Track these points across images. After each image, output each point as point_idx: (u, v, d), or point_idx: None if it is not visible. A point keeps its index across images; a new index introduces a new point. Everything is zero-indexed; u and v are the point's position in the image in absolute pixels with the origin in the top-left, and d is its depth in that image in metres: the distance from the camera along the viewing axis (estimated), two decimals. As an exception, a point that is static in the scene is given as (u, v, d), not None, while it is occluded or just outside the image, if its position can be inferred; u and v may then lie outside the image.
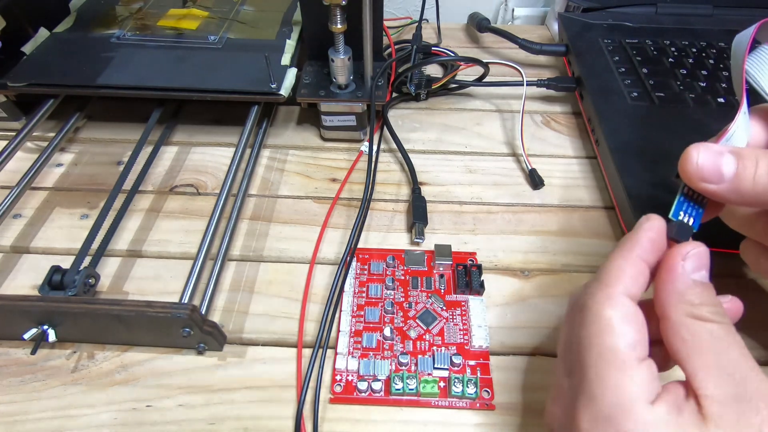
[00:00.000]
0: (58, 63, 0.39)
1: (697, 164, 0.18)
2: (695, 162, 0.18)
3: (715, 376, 0.16)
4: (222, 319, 0.30)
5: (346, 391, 0.26)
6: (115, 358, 0.28)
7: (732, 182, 0.17)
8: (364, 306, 0.29)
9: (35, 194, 0.37)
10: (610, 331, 0.17)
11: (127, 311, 0.25)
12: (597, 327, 0.17)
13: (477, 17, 0.51)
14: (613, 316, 0.17)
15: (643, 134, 0.36)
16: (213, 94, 0.37)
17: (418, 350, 0.28)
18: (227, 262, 0.32)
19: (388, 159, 0.40)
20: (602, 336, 0.17)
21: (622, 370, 0.17)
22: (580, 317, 0.18)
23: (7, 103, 0.40)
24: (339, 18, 0.34)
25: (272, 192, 0.37)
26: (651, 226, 0.19)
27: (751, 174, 0.17)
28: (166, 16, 0.45)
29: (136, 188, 0.35)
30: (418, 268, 0.31)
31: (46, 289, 0.28)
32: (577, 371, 0.18)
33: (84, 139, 0.41)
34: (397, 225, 0.35)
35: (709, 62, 0.42)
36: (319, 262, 0.32)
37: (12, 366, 0.28)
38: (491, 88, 0.46)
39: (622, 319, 0.17)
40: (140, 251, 0.33)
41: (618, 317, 0.17)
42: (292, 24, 0.44)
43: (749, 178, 0.17)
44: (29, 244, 0.33)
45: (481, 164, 0.39)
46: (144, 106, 0.40)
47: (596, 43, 0.45)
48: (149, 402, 0.26)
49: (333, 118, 0.39)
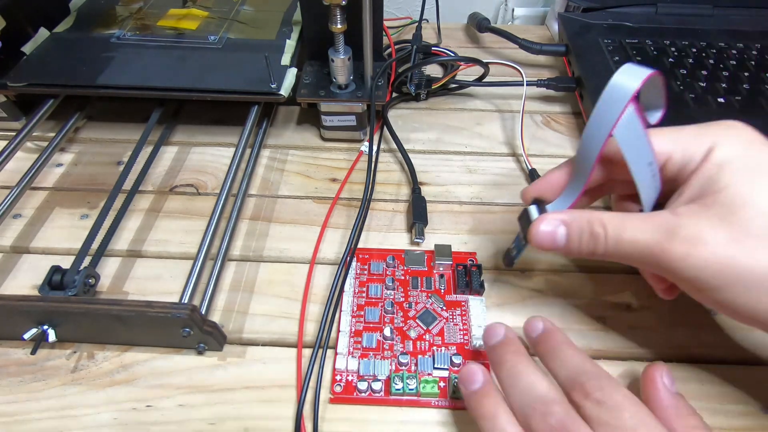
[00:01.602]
0: (58, 63, 0.39)
1: (538, 235, 0.23)
2: (538, 233, 0.23)
3: None
4: (222, 319, 0.30)
5: (346, 391, 0.26)
6: (115, 358, 0.28)
7: (565, 247, 0.23)
8: (364, 306, 0.29)
9: (35, 194, 0.37)
10: None
11: (127, 311, 0.25)
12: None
13: (477, 17, 0.51)
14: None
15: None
16: (213, 94, 0.37)
17: (418, 350, 0.28)
18: (227, 262, 0.32)
19: (388, 159, 0.40)
20: None
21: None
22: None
23: (7, 103, 0.40)
24: (339, 18, 0.34)
25: (272, 192, 0.37)
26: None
27: (577, 243, 0.23)
28: (166, 16, 0.45)
29: (136, 188, 0.35)
30: (418, 268, 0.31)
31: (46, 289, 0.28)
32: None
33: (84, 139, 0.41)
34: (397, 225, 0.35)
35: (709, 62, 0.42)
36: (319, 262, 0.32)
37: (12, 366, 0.27)
38: (491, 88, 0.46)
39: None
40: (140, 251, 0.33)
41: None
42: (292, 24, 0.44)
43: (576, 245, 0.23)
44: (29, 244, 0.33)
45: (481, 164, 0.39)
46: (144, 106, 0.40)
47: (596, 43, 0.45)
48: (149, 402, 0.26)
49: (333, 118, 0.39)
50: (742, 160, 0.20)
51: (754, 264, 0.19)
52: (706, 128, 0.22)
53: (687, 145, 0.21)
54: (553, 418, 0.19)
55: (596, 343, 0.28)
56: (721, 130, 0.21)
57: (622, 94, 0.20)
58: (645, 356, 0.27)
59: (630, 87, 0.20)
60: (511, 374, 0.22)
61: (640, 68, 0.21)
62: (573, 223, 0.23)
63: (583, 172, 0.23)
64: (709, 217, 0.20)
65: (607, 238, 0.22)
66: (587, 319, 0.29)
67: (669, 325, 0.29)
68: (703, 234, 0.20)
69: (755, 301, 0.19)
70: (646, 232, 0.21)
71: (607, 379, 0.21)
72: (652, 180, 0.22)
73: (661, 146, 0.22)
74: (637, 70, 0.20)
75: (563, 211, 0.23)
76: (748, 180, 0.20)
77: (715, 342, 0.28)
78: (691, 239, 0.20)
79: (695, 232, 0.20)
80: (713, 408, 0.26)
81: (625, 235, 0.21)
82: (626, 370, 0.27)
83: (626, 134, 0.21)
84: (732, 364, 0.27)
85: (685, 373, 0.27)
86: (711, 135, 0.21)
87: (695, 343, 0.28)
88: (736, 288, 0.19)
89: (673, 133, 0.22)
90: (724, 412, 0.26)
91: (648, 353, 0.28)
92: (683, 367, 0.27)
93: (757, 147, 0.20)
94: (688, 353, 0.28)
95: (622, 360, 0.27)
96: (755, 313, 0.20)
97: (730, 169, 0.20)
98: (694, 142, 0.21)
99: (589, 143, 0.22)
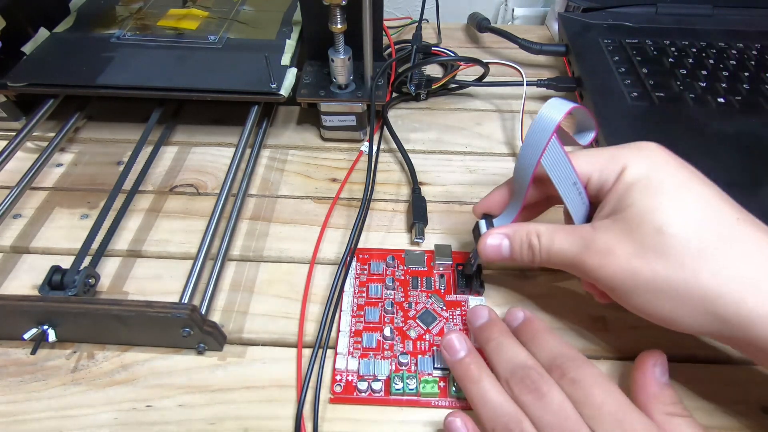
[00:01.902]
0: (58, 63, 0.39)
1: (486, 249, 0.26)
2: (485, 247, 0.27)
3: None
4: (222, 319, 0.30)
5: (346, 391, 0.26)
6: (115, 358, 0.28)
7: (510, 257, 0.26)
8: (364, 306, 0.29)
9: (35, 194, 0.37)
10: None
11: (127, 311, 0.25)
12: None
13: (477, 17, 0.51)
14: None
15: (643, 134, 0.36)
16: (213, 94, 0.37)
17: (418, 350, 0.28)
18: (227, 262, 0.32)
19: (388, 159, 0.40)
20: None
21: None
22: None
23: (7, 103, 0.40)
24: (339, 18, 0.34)
25: (272, 192, 0.37)
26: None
27: (519, 253, 0.26)
28: (166, 16, 0.45)
29: (136, 188, 0.35)
30: (418, 268, 0.31)
31: (46, 289, 0.28)
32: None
33: (84, 139, 0.41)
34: (397, 225, 0.35)
35: (709, 62, 0.42)
36: (319, 262, 0.32)
37: (12, 366, 0.27)
38: (491, 88, 0.46)
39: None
40: (140, 251, 0.33)
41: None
42: (292, 24, 0.44)
43: (518, 255, 0.26)
44: (29, 244, 0.33)
45: (481, 164, 0.39)
46: (144, 106, 0.40)
47: (596, 43, 0.45)
48: (149, 402, 0.26)
49: (333, 118, 0.39)
50: (645, 181, 0.22)
51: (652, 275, 0.21)
52: (620, 150, 0.24)
53: (603, 166, 0.24)
54: (529, 380, 0.22)
55: (596, 343, 0.28)
56: (632, 152, 0.23)
57: (548, 125, 0.23)
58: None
59: (554, 119, 0.23)
60: (497, 348, 0.24)
61: (564, 103, 0.23)
62: (515, 235, 0.26)
63: (520, 192, 0.26)
64: (618, 231, 0.22)
65: (541, 249, 0.25)
66: (587, 319, 0.29)
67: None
68: (613, 247, 0.22)
69: (656, 305, 0.22)
70: (570, 244, 0.24)
71: (582, 360, 0.23)
72: (579, 197, 0.24)
73: (582, 168, 0.24)
74: (560, 104, 0.23)
75: (506, 225, 0.27)
76: (648, 199, 0.22)
77: (715, 342, 0.28)
78: (604, 251, 0.22)
79: (607, 245, 0.22)
80: (713, 408, 0.26)
81: (554, 247, 0.25)
82: (626, 370, 0.27)
83: (551, 160, 0.24)
84: (732, 364, 0.27)
85: (685, 373, 0.27)
86: (623, 157, 0.23)
87: (695, 343, 0.28)
88: (640, 294, 0.22)
89: (593, 156, 0.24)
90: (724, 412, 0.26)
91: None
92: (683, 367, 0.27)
93: (660, 168, 0.23)
94: (688, 353, 0.28)
95: (622, 360, 0.27)
96: (657, 314, 0.22)
97: (636, 188, 0.22)
98: (609, 164, 0.24)
99: (523, 167, 0.24)
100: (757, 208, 0.31)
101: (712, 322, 0.21)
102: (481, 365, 0.24)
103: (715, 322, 0.21)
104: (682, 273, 0.21)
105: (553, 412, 0.21)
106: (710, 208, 0.21)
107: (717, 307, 0.20)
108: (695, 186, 0.22)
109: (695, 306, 0.21)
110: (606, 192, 0.24)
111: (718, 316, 0.20)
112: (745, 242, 0.21)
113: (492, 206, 0.28)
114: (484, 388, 0.23)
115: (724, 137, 0.36)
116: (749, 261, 0.20)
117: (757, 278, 0.20)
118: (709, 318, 0.21)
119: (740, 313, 0.20)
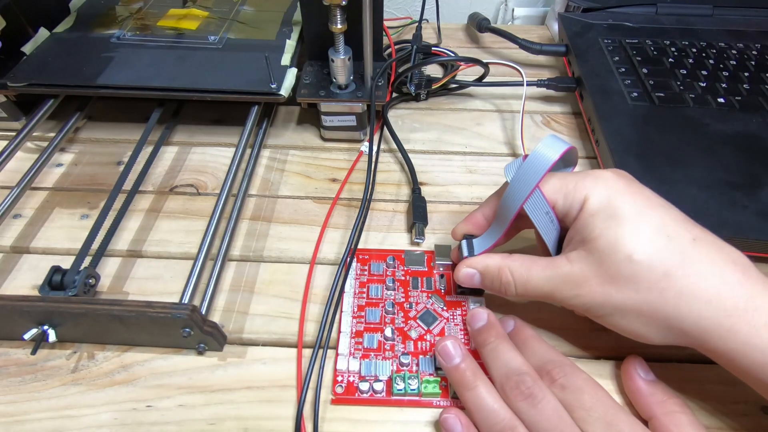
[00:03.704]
0: (58, 63, 0.39)
1: (460, 277, 0.28)
2: (459, 276, 0.28)
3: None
4: (222, 319, 0.30)
5: (348, 392, 0.26)
6: (115, 358, 0.28)
7: (481, 285, 0.28)
8: (365, 307, 0.29)
9: (35, 194, 0.36)
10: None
11: (127, 311, 0.25)
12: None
13: (477, 17, 0.51)
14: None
15: (643, 134, 0.36)
16: (213, 94, 0.37)
17: (419, 350, 0.28)
18: (227, 262, 0.32)
19: (388, 159, 0.40)
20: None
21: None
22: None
23: (7, 103, 0.40)
24: (339, 18, 0.34)
25: (272, 192, 0.37)
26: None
27: (489, 287, 0.28)
28: (166, 16, 0.45)
29: (136, 188, 0.35)
30: (418, 269, 0.31)
31: (46, 290, 0.28)
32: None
33: (84, 139, 0.41)
34: (397, 225, 0.35)
35: (709, 62, 0.42)
36: (319, 263, 0.32)
37: (12, 366, 0.27)
38: (491, 88, 0.46)
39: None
40: (140, 251, 0.33)
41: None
42: (292, 24, 0.44)
43: (489, 288, 0.28)
44: (29, 244, 0.33)
45: (481, 164, 0.39)
46: (144, 106, 0.40)
47: (596, 43, 0.45)
48: (149, 402, 0.26)
49: (333, 118, 0.39)
50: (606, 211, 0.24)
51: (623, 300, 0.23)
52: (582, 180, 0.25)
53: (567, 193, 0.25)
54: (524, 386, 0.23)
55: (596, 343, 0.28)
56: (591, 182, 0.25)
57: (543, 163, 0.24)
58: (645, 356, 0.27)
59: (549, 158, 0.24)
60: (493, 352, 0.25)
61: (559, 143, 0.25)
62: (486, 272, 0.27)
63: (504, 220, 0.27)
64: (591, 262, 0.24)
65: (516, 286, 0.26)
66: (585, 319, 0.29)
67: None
68: (588, 277, 0.24)
69: (627, 324, 0.24)
70: (546, 279, 0.25)
71: (570, 366, 0.24)
72: (551, 224, 0.26)
73: (550, 194, 0.25)
74: (556, 144, 0.25)
75: (480, 258, 0.28)
76: (613, 229, 0.23)
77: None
78: (579, 282, 0.24)
79: (582, 276, 0.24)
80: (713, 408, 0.26)
81: (530, 283, 0.26)
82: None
83: (531, 198, 0.25)
84: (732, 364, 0.27)
85: (685, 373, 0.27)
86: (585, 187, 0.25)
87: (695, 343, 0.28)
88: (615, 316, 0.24)
89: (558, 182, 0.25)
90: (723, 412, 0.26)
91: (648, 353, 0.28)
92: (683, 367, 0.27)
93: (619, 196, 0.24)
94: (688, 353, 0.28)
95: (619, 360, 0.27)
96: (628, 331, 0.24)
97: (598, 218, 0.24)
98: (572, 191, 0.25)
99: (512, 199, 0.26)
100: (758, 208, 0.31)
101: (677, 336, 0.23)
102: (476, 371, 0.24)
103: (680, 336, 0.23)
104: (650, 296, 0.23)
105: (547, 417, 0.22)
106: (670, 231, 0.23)
107: (681, 323, 0.22)
108: (653, 212, 0.23)
109: (661, 323, 0.23)
110: (572, 219, 0.25)
111: (681, 331, 0.22)
112: (702, 263, 0.22)
113: (471, 229, 0.29)
114: (480, 395, 0.23)
115: (724, 137, 0.36)
116: (705, 280, 0.22)
117: (711, 296, 0.22)
118: (674, 332, 0.23)
119: (699, 326, 0.22)
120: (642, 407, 0.25)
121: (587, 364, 0.27)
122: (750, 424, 0.25)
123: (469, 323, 0.27)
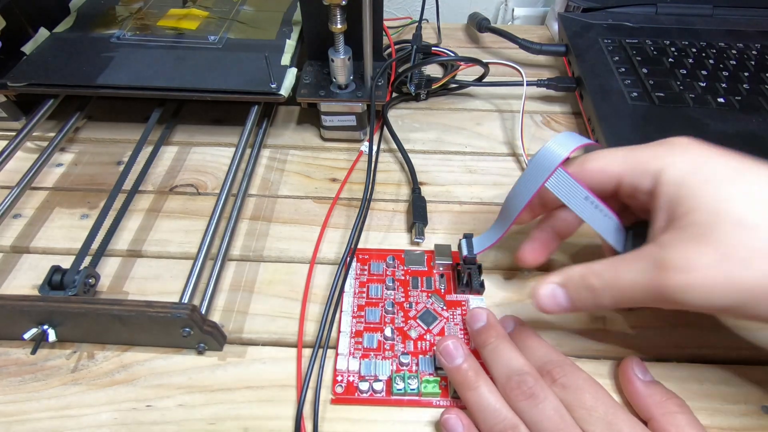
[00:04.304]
0: (58, 63, 0.39)
1: (541, 301, 0.24)
2: (539, 300, 0.24)
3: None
4: (222, 319, 0.30)
5: (348, 391, 0.26)
6: (115, 358, 0.28)
7: (570, 308, 0.24)
8: (365, 306, 0.29)
9: (35, 194, 0.37)
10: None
11: (127, 311, 0.25)
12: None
13: (477, 17, 0.51)
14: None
15: (643, 134, 0.36)
16: (213, 94, 0.37)
17: (419, 350, 0.28)
18: (227, 262, 0.32)
19: (388, 159, 0.40)
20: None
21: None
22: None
23: (7, 103, 0.40)
24: (339, 18, 0.34)
25: (272, 192, 0.37)
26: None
27: (575, 295, 0.23)
28: (166, 16, 0.45)
29: (136, 188, 0.35)
30: (418, 268, 0.31)
31: (46, 289, 0.28)
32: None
33: (84, 139, 0.41)
34: (397, 225, 0.35)
35: (709, 62, 0.42)
36: (319, 262, 0.32)
37: (12, 366, 0.27)
38: (491, 88, 0.46)
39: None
40: (140, 251, 0.33)
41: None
42: (292, 24, 0.44)
43: (577, 303, 0.24)
44: (29, 244, 0.33)
45: (481, 164, 0.39)
46: (144, 106, 0.40)
47: (596, 43, 0.45)
48: (149, 402, 0.26)
49: (333, 118, 0.39)
50: (696, 176, 0.20)
51: (756, 276, 0.18)
52: (651, 150, 0.22)
53: (635, 165, 0.22)
54: (525, 386, 0.23)
55: (596, 343, 0.28)
56: (665, 150, 0.22)
57: (552, 160, 0.23)
58: (645, 356, 0.27)
59: (560, 155, 0.23)
60: (494, 352, 0.25)
61: (572, 139, 0.23)
62: (568, 283, 0.23)
63: (509, 215, 0.26)
64: (690, 240, 0.19)
65: (606, 287, 0.22)
66: (587, 319, 0.29)
67: (669, 325, 0.29)
68: (692, 260, 0.19)
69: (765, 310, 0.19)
70: (640, 272, 0.21)
71: (571, 366, 0.24)
72: (596, 210, 0.23)
73: (612, 168, 0.23)
74: (567, 140, 0.23)
75: (555, 273, 0.24)
76: (710, 194, 0.19)
77: (715, 342, 0.28)
78: (683, 268, 0.19)
79: (684, 261, 0.19)
80: (713, 408, 0.26)
81: (621, 281, 0.21)
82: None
83: (557, 184, 0.24)
84: (732, 363, 0.27)
85: (685, 373, 0.27)
86: (659, 156, 0.22)
87: (695, 343, 0.28)
88: (749, 303, 0.19)
89: (621, 155, 0.23)
90: (724, 412, 0.26)
91: (648, 353, 0.28)
92: (683, 367, 0.27)
93: (706, 160, 0.21)
94: (688, 353, 0.28)
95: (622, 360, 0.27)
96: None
97: (689, 187, 0.20)
98: (639, 165, 0.22)
99: (520, 192, 0.25)
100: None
101: None
102: (478, 371, 0.24)
103: None
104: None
105: (548, 417, 0.22)
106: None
107: None
108: (755, 169, 0.20)
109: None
110: (646, 199, 0.22)
111: None
112: None
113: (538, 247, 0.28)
114: (482, 395, 0.23)
115: (724, 137, 0.36)
116: None
117: None
118: None
119: None
120: (640, 408, 0.24)
121: (587, 364, 0.27)
122: (750, 424, 0.25)
123: (468, 323, 0.27)
